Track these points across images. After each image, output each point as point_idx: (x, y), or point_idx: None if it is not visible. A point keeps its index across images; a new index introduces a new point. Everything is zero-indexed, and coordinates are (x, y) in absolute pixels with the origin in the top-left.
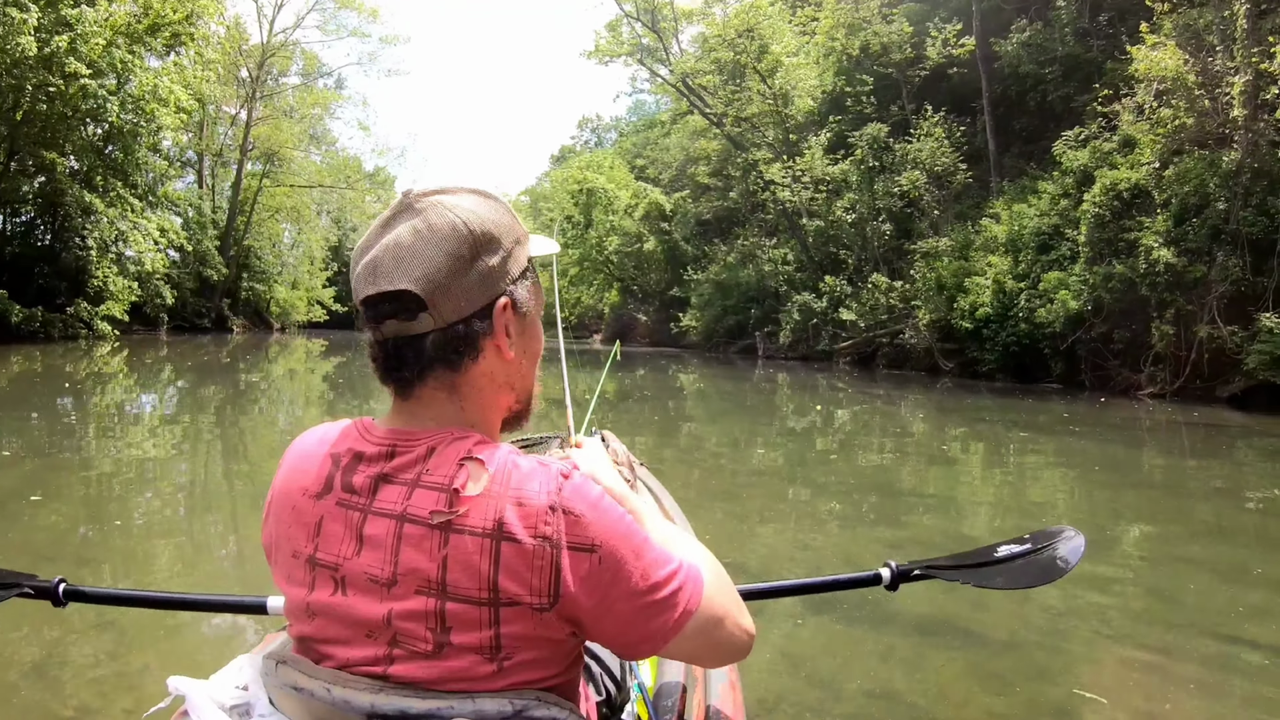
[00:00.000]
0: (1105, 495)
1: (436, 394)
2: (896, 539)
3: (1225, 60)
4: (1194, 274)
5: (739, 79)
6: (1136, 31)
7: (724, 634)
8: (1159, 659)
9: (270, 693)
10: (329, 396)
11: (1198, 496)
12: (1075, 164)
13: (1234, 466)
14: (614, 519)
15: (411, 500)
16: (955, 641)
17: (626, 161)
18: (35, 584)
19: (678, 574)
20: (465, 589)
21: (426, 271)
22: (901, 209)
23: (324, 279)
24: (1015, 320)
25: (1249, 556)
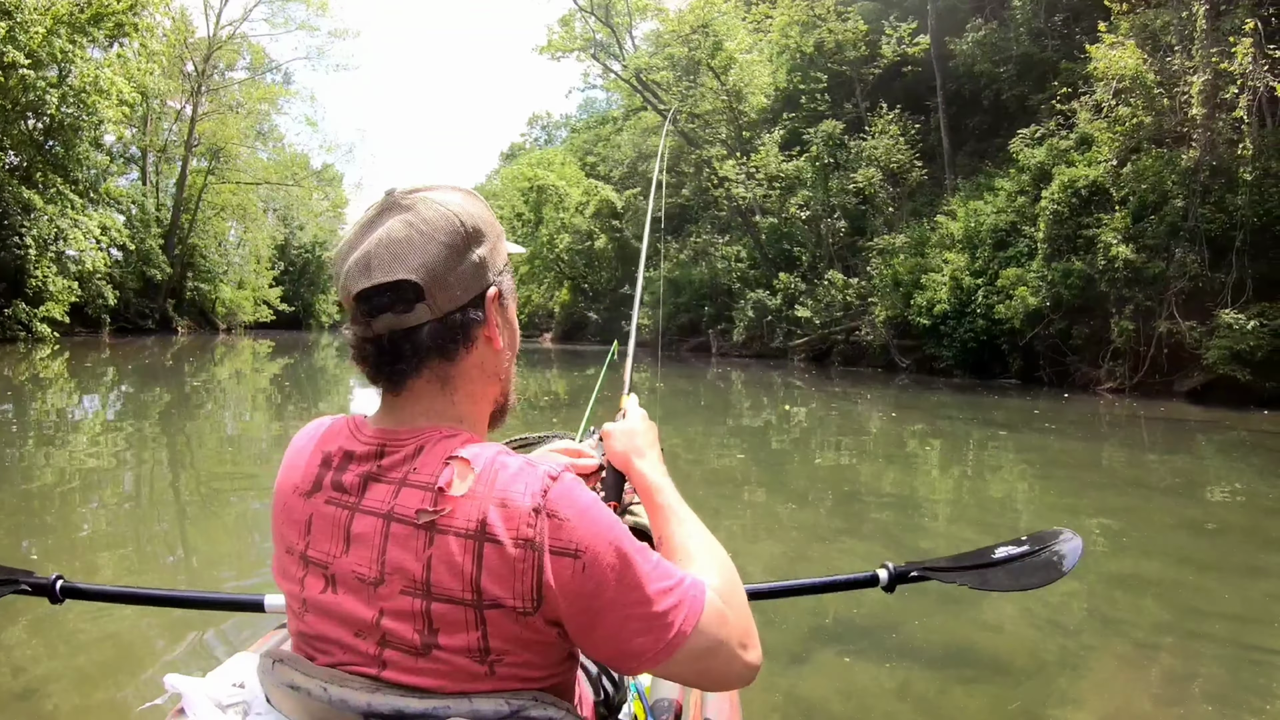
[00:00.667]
0: (1094, 493)
1: (430, 386)
2: (864, 541)
3: (1184, 60)
4: (1153, 270)
5: (693, 75)
6: (1091, 32)
7: (720, 664)
8: (1145, 655)
9: (267, 691)
10: (276, 399)
11: (1181, 493)
12: (1032, 161)
13: (1195, 459)
14: (602, 525)
15: (398, 499)
16: (953, 641)
17: (577, 159)
18: (32, 580)
19: (673, 591)
20: (449, 590)
21: (424, 261)
22: (856, 206)
23: (270, 278)
24: (973, 316)
25: (1233, 550)
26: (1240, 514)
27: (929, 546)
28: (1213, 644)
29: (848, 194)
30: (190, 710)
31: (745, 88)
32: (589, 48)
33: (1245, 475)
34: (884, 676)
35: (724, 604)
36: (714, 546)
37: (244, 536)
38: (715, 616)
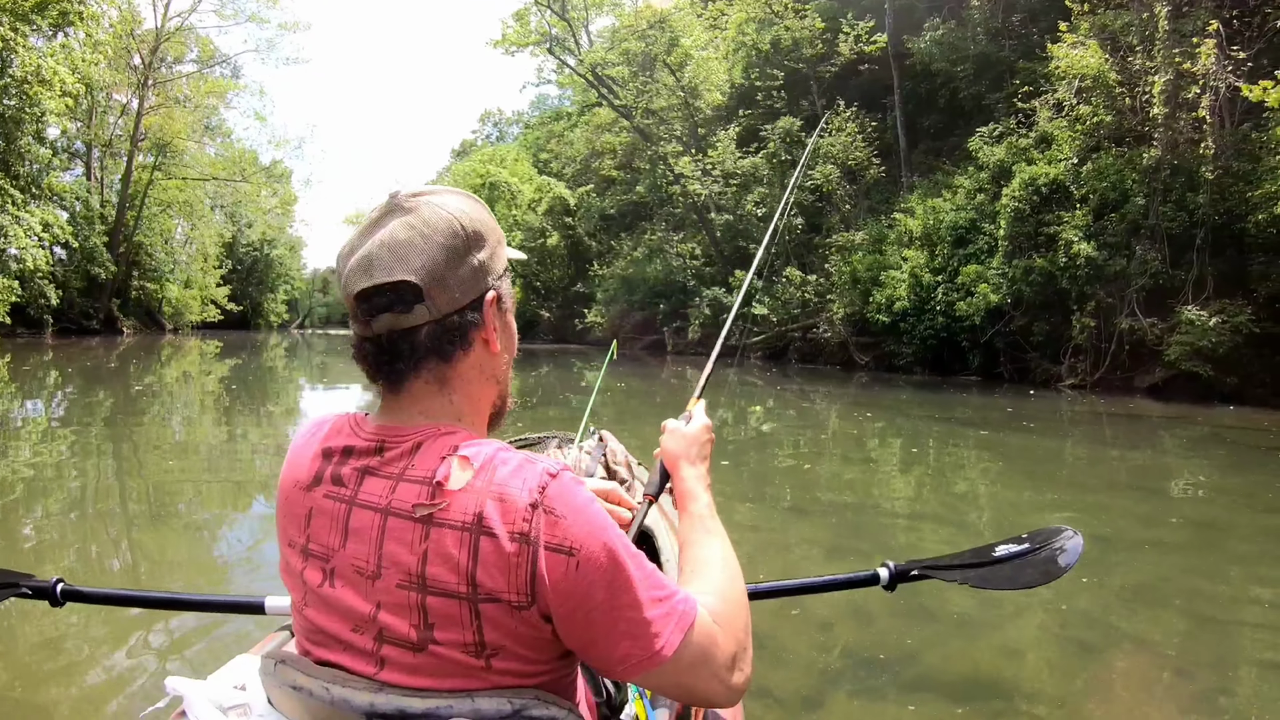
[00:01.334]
0: (1078, 490)
1: (428, 387)
2: (831, 542)
3: (1145, 60)
4: (1114, 267)
5: (649, 71)
6: (1049, 32)
7: (703, 683)
8: (1137, 653)
9: (269, 692)
10: (225, 401)
11: (1169, 490)
12: (992, 159)
13: (1156, 454)
14: (597, 526)
15: (396, 493)
16: (953, 641)
17: (530, 155)
18: (33, 584)
19: (664, 603)
20: (445, 583)
21: (425, 263)
22: (813, 203)
23: (218, 277)
24: (933, 314)
25: (1211, 541)
26: (1214, 508)
27: (904, 544)
28: (1209, 642)
29: (804, 191)
30: (191, 713)
31: (701, 84)
32: (544, 42)
33: (1207, 469)
34: (885, 676)
35: (716, 624)
36: (730, 564)
37: (195, 541)
38: (704, 635)
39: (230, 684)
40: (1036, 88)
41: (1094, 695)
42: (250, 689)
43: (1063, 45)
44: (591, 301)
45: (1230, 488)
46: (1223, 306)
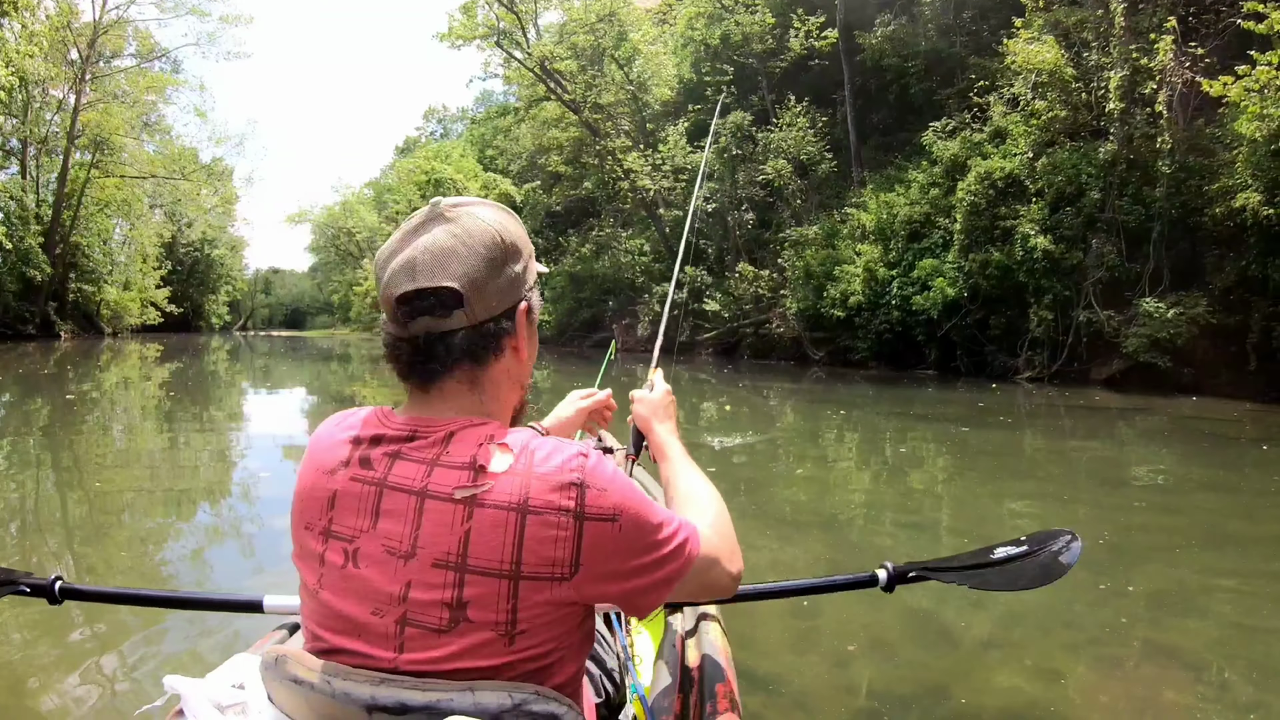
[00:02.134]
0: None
1: (459, 387)
2: (802, 540)
3: (1100, 56)
4: (1071, 261)
5: (598, 65)
6: (1000, 29)
7: (714, 578)
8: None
9: (269, 687)
10: (166, 405)
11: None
12: (946, 154)
13: (1137, 446)
14: (629, 489)
15: (432, 478)
16: (951, 640)
17: (475, 151)
18: (31, 582)
19: (681, 529)
20: (486, 562)
21: (467, 271)
22: (764, 198)
23: (157, 278)
24: (887, 308)
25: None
26: (1189, 497)
27: (876, 545)
28: (1232, 648)
29: (755, 186)
30: (189, 711)
31: (649, 80)
32: (492, 35)
33: (1170, 458)
34: (883, 676)
35: (714, 534)
36: (707, 488)
37: (136, 548)
38: (709, 546)
39: (228, 683)
40: (992, 82)
41: (1091, 693)
42: (248, 688)
43: (1018, 40)
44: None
45: (1210, 479)
46: (1180, 299)
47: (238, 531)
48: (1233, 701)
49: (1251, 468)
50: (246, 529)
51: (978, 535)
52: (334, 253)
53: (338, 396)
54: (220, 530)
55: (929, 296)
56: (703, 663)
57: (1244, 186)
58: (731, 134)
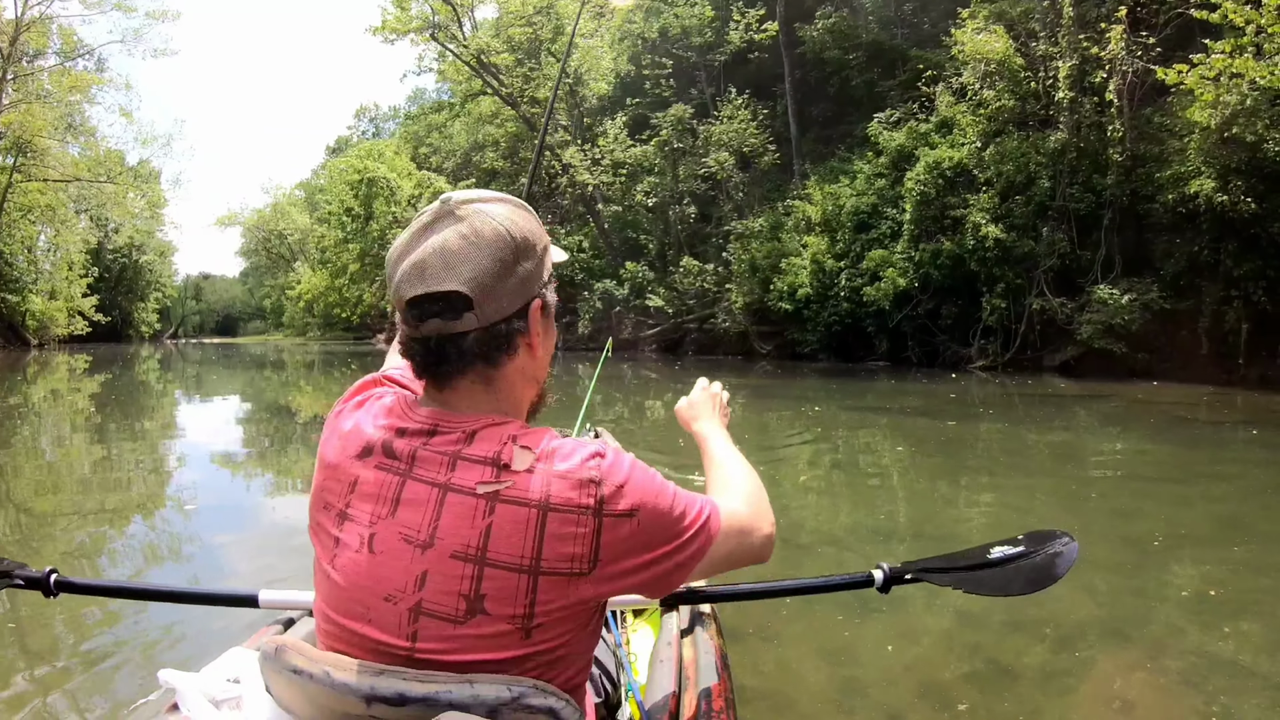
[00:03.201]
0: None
1: (474, 386)
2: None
3: (1048, 45)
4: (1022, 249)
5: (535, 58)
6: (941, 21)
7: (742, 547)
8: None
9: (267, 679)
10: (96, 419)
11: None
12: (892, 144)
13: (1072, 433)
14: (647, 482)
15: (455, 473)
16: (950, 638)
17: (409, 149)
18: (26, 574)
19: (701, 511)
20: (506, 556)
21: (475, 274)
22: (706, 192)
23: (84, 286)
24: (836, 299)
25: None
26: (1189, 487)
27: (854, 546)
28: (1211, 635)
29: (697, 180)
30: (184, 705)
31: (587, 74)
32: (426, 28)
33: (1132, 439)
34: (877, 676)
35: (741, 504)
36: (738, 465)
37: (69, 568)
38: (733, 519)
39: (223, 677)
40: (939, 72)
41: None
42: (244, 681)
43: (966, 30)
44: None
45: (1211, 468)
46: (1132, 285)
47: (176, 552)
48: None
49: (1244, 452)
50: (186, 549)
51: (957, 536)
52: (265, 256)
53: (272, 404)
54: (156, 547)
55: (880, 288)
56: (698, 661)
57: (1197, 173)
58: (672, 127)
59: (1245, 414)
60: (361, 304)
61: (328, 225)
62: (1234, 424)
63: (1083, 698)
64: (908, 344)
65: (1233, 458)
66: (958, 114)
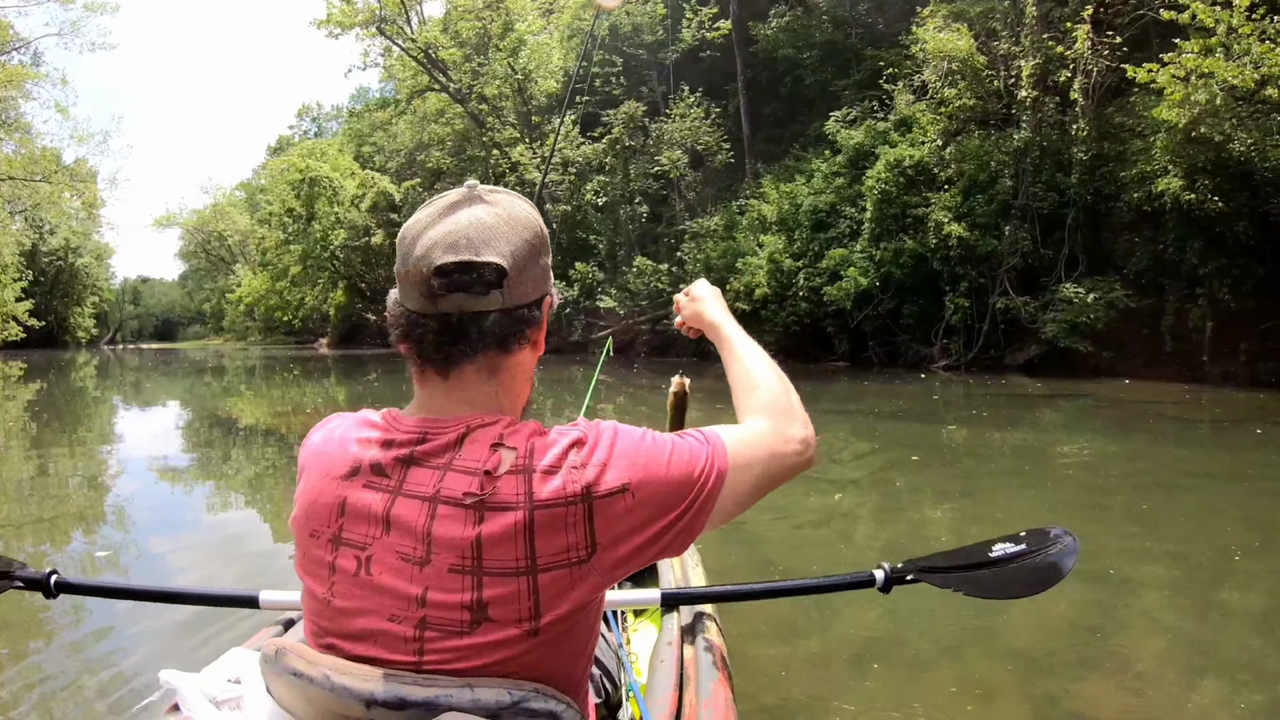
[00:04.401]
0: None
1: (479, 374)
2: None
3: (1010, 45)
4: (985, 247)
5: (483, 54)
6: (897, 21)
7: (766, 468)
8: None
9: (268, 681)
10: (32, 429)
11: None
12: (850, 142)
13: (1037, 431)
14: (634, 451)
15: (444, 483)
16: (950, 638)
17: (353, 148)
18: (26, 575)
19: (700, 454)
20: (502, 562)
21: (513, 250)
22: (657, 191)
23: (18, 290)
24: (795, 299)
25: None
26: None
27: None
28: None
29: (649, 178)
30: (184, 706)
31: (535, 71)
32: (373, 22)
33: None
34: (879, 675)
35: (761, 417)
36: (761, 369)
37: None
38: (746, 445)
39: (224, 677)
40: (900, 69)
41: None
42: (244, 682)
43: (927, 28)
44: None
45: (1219, 465)
46: (1096, 283)
47: (114, 564)
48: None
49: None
50: (124, 559)
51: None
52: (205, 258)
53: (214, 411)
54: (93, 561)
55: (841, 287)
56: (699, 661)
57: (1163, 172)
58: (624, 125)
59: (1242, 412)
60: (304, 307)
61: (268, 226)
62: (1235, 422)
63: (1086, 696)
64: (868, 344)
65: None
66: (917, 112)
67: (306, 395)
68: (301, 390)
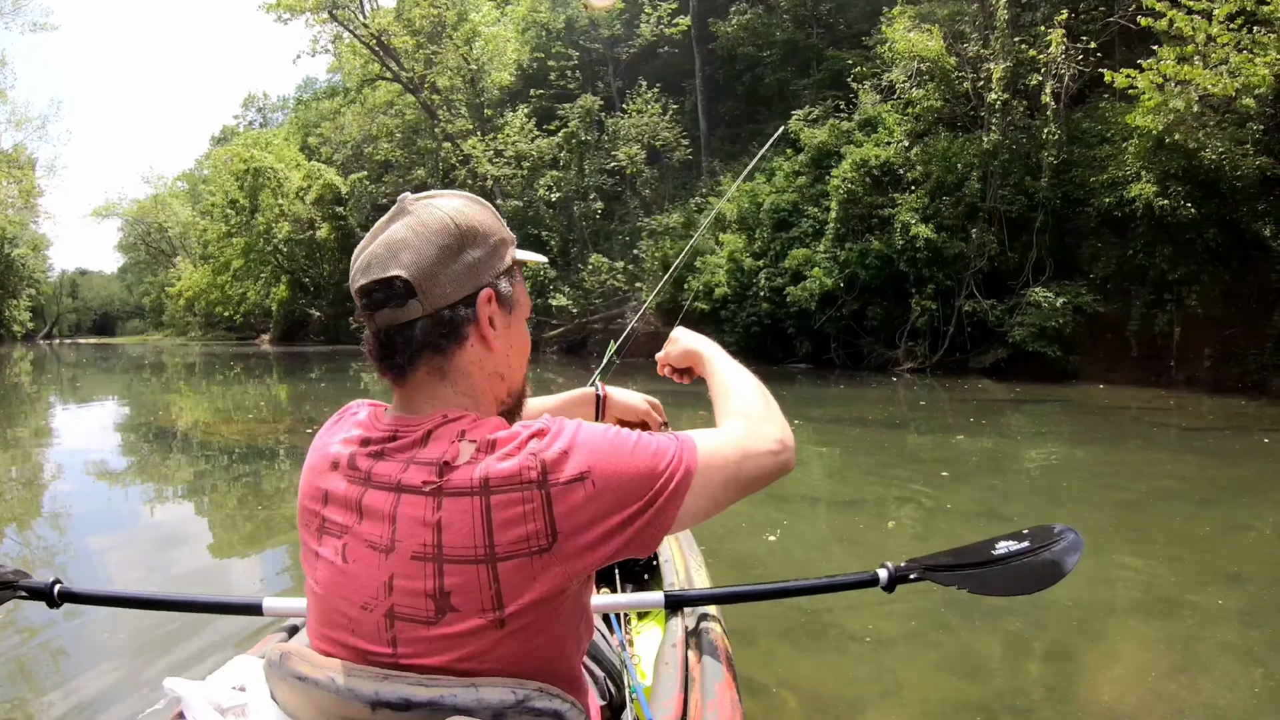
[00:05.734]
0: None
1: (430, 379)
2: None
3: (980, 47)
4: (953, 250)
5: (437, 42)
6: (860, 22)
7: (739, 470)
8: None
9: (273, 685)
10: None
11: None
12: (814, 141)
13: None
14: (595, 441)
15: (406, 473)
16: (954, 638)
17: (298, 139)
18: (30, 585)
19: (668, 450)
20: (461, 549)
21: (415, 259)
22: (612, 187)
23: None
24: (755, 299)
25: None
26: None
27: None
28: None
29: (603, 174)
30: (189, 714)
31: (489, 63)
32: (324, 7)
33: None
34: (885, 675)
35: (738, 425)
36: (742, 382)
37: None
38: (718, 444)
39: (229, 685)
40: (866, 69)
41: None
42: (249, 689)
43: (896, 28)
44: None
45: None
46: (1064, 288)
47: (49, 565)
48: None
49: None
50: (60, 560)
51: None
52: (145, 251)
53: (152, 408)
54: (29, 561)
55: (805, 287)
56: (703, 663)
57: (1136, 178)
58: (581, 119)
59: (1222, 418)
60: (245, 302)
61: (211, 218)
62: (1235, 430)
63: (1091, 695)
64: (830, 346)
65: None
66: (883, 113)
67: (249, 394)
68: (243, 388)
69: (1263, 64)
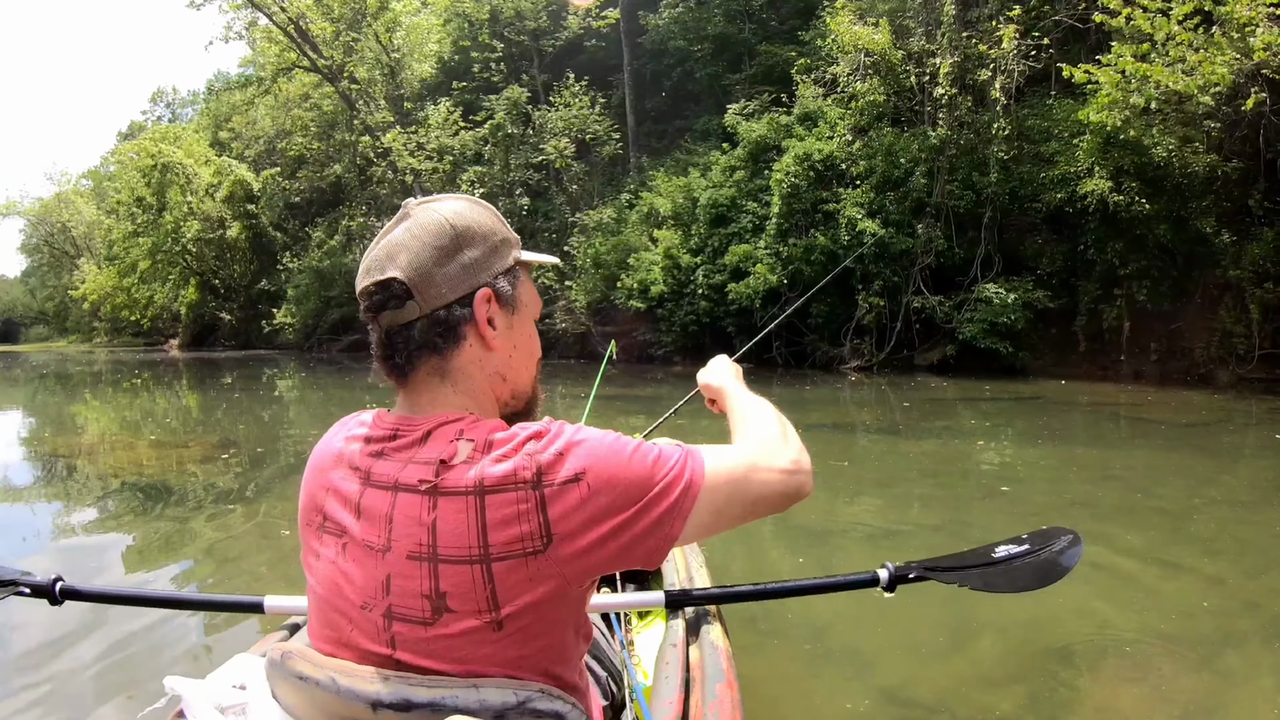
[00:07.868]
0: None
1: (430, 379)
2: None
3: (925, 42)
4: (900, 245)
5: (356, 29)
6: (792, 18)
7: (747, 489)
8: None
9: (274, 685)
10: None
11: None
12: (753, 135)
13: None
14: (595, 444)
15: (404, 473)
16: (955, 639)
17: (209, 134)
18: (31, 582)
19: (674, 461)
20: (455, 548)
21: (411, 260)
22: (539, 183)
23: None
24: (693, 297)
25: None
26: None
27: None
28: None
29: (529, 169)
30: (190, 712)
31: (410, 54)
32: None
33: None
34: (886, 676)
35: (751, 445)
36: (754, 407)
37: None
38: (729, 461)
39: (229, 683)
40: (807, 62)
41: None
42: (250, 688)
43: (841, 20)
44: (280, 300)
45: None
46: (1014, 284)
47: None
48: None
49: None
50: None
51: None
52: (48, 253)
53: (57, 419)
54: None
55: (749, 284)
56: (704, 662)
57: (1088, 173)
58: (507, 111)
59: (1192, 411)
60: (153, 306)
61: (116, 217)
62: (1197, 423)
63: (1094, 694)
64: (773, 344)
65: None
66: (824, 107)
67: (157, 403)
68: (152, 397)
69: (1221, 63)
